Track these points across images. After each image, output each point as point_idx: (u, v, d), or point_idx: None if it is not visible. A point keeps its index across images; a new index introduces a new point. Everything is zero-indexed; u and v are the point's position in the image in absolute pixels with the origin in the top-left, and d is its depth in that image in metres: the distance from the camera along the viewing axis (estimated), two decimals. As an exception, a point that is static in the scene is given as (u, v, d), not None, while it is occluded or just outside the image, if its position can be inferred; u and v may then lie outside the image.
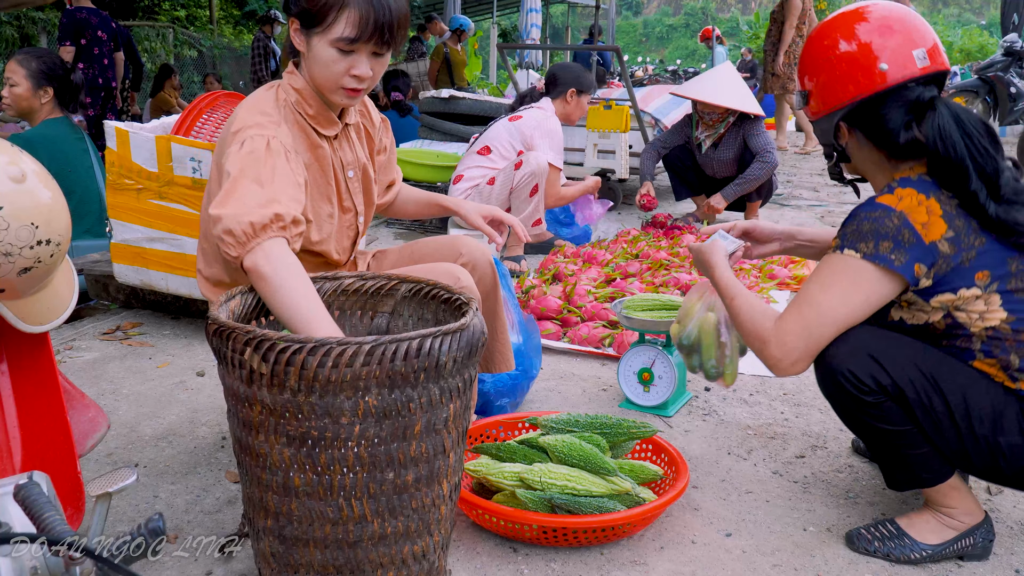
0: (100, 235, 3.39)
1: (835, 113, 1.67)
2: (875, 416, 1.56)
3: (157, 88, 9.59)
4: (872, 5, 1.66)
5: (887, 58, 1.59)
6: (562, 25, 26.48)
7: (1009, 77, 8.93)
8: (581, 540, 1.64)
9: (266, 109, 1.71)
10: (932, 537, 1.64)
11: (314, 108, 1.77)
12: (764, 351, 1.60)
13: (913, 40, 1.60)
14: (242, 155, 1.59)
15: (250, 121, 1.67)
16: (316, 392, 1.20)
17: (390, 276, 1.59)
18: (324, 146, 1.80)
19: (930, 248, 1.51)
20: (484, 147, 3.96)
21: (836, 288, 1.55)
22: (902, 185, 1.56)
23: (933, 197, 1.53)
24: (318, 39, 1.67)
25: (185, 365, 2.64)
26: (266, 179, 1.56)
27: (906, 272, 1.51)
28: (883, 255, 1.51)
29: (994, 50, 12.41)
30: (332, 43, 1.65)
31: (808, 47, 1.71)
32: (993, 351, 1.54)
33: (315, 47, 1.68)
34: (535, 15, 12.40)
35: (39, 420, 1.47)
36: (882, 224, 1.52)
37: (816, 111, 1.71)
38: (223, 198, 1.53)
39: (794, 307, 1.59)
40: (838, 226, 1.67)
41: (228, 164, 1.59)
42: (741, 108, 4.47)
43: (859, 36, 1.62)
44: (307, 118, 1.77)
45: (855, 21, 1.64)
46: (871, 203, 1.57)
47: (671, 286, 3.36)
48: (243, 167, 1.57)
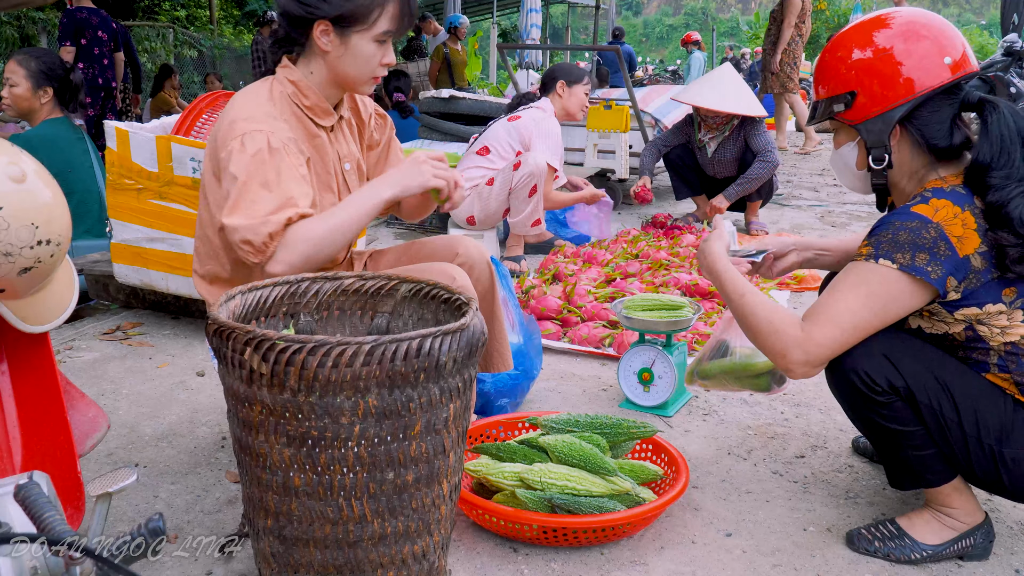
0: (100, 235, 3.39)
1: (896, 110, 1.57)
2: (884, 415, 1.55)
3: (157, 88, 9.60)
4: (905, 9, 1.65)
5: (950, 51, 1.55)
6: (562, 25, 26.48)
7: (1009, 77, 8.90)
8: (581, 540, 1.64)
9: (260, 102, 1.73)
10: (932, 537, 1.64)
11: (311, 99, 1.80)
12: (787, 354, 1.55)
13: (959, 37, 1.59)
14: (246, 157, 1.62)
15: (244, 115, 1.69)
16: (316, 392, 1.20)
17: (390, 276, 1.59)
18: (322, 135, 1.83)
19: (963, 262, 1.48)
20: (483, 147, 3.97)
21: (869, 298, 1.51)
22: (937, 196, 1.52)
23: (968, 211, 1.50)
24: (359, 36, 1.75)
25: (185, 365, 2.64)
26: (272, 182, 1.62)
27: (939, 285, 1.48)
28: (919, 267, 1.48)
29: (994, 50, 12.40)
30: (375, 38, 1.75)
31: (847, 48, 1.62)
32: (1008, 366, 1.53)
33: (355, 44, 1.75)
34: (535, 15, 12.41)
35: (39, 420, 1.47)
36: (919, 235, 1.48)
37: (870, 110, 1.59)
38: (233, 205, 1.60)
39: (822, 314, 1.54)
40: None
41: (232, 167, 1.63)
42: (747, 113, 4.47)
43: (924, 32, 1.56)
44: (304, 109, 1.80)
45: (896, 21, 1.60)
46: (906, 212, 1.52)
47: (671, 286, 3.36)
48: (249, 171, 1.61)
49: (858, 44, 1.61)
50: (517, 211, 3.82)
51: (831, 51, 1.66)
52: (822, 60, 1.70)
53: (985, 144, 1.50)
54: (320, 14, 1.73)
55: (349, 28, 1.74)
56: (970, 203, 1.51)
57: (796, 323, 1.56)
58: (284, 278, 1.52)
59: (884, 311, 1.52)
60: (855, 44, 1.61)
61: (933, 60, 1.54)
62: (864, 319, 1.52)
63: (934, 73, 1.54)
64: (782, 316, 1.59)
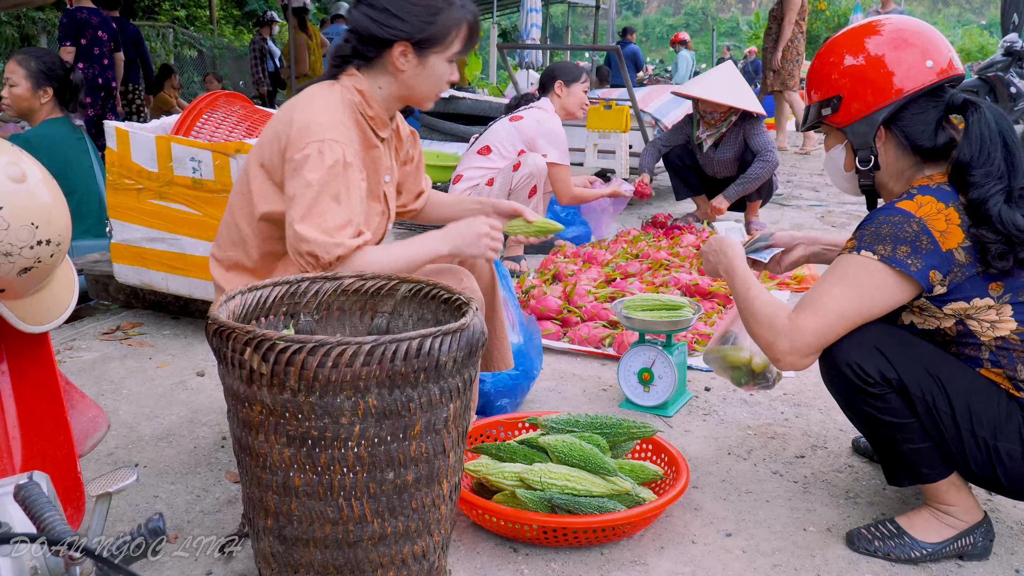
0: (100, 235, 3.39)
1: (879, 112, 1.62)
2: (878, 407, 1.57)
3: (157, 88, 9.59)
4: (890, 16, 1.71)
5: (933, 56, 1.60)
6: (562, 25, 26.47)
7: (1009, 77, 8.93)
8: (581, 540, 1.64)
9: (334, 109, 1.78)
10: (932, 536, 1.64)
11: (374, 110, 1.86)
12: (774, 344, 1.61)
13: (944, 43, 1.64)
14: (323, 167, 1.69)
15: (320, 120, 1.73)
16: (316, 392, 1.20)
17: (390, 276, 1.59)
18: (379, 147, 1.90)
19: (947, 256, 1.52)
20: (484, 147, 3.96)
21: (851, 288, 1.55)
22: (922, 192, 1.57)
23: (952, 207, 1.54)
24: (437, 57, 1.83)
25: (185, 365, 2.64)
26: (342, 196, 1.70)
27: (921, 278, 1.52)
28: (900, 259, 1.51)
29: (994, 50, 12.40)
30: (448, 58, 1.85)
31: (837, 54, 1.68)
32: (1000, 361, 1.55)
33: (432, 64, 1.84)
34: (535, 15, 12.39)
35: (39, 420, 1.47)
36: (901, 229, 1.52)
37: (855, 113, 1.65)
38: (305, 214, 1.67)
39: (808, 304, 1.59)
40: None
41: (309, 173, 1.68)
42: (743, 106, 4.47)
43: (911, 38, 1.62)
44: (367, 119, 1.86)
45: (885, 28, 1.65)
46: (890, 207, 1.57)
47: (671, 286, 3.37)
48: (323, 181, 1.68)
49: (847, 50, 1.67)
50: (517, 211, 3.82)
51: (821, 57, 1.73)
52: (813, 67, 1.76)
53: (966, 144, 1.55)
54: (402, 35, 1.79)
55: (428, 50, 1.81)
56: (955, 200, 1.55)
57: (785, 313, 1.62)
58: (284, 278, 1.52)
59: (869, 301, 1.55)
60: (844, 50, 1.68)
61: (916, 64, 1.60)
62: (848, 309, 1.55)
63: (916, 76, 1.60)
64: (776, 308, 1.65)
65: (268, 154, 1.78)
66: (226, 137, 2.84)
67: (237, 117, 2.92)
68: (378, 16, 1.78)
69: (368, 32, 1.80)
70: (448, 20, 1.80)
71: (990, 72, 9.10)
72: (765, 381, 2.00)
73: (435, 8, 1.79)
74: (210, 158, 2.63)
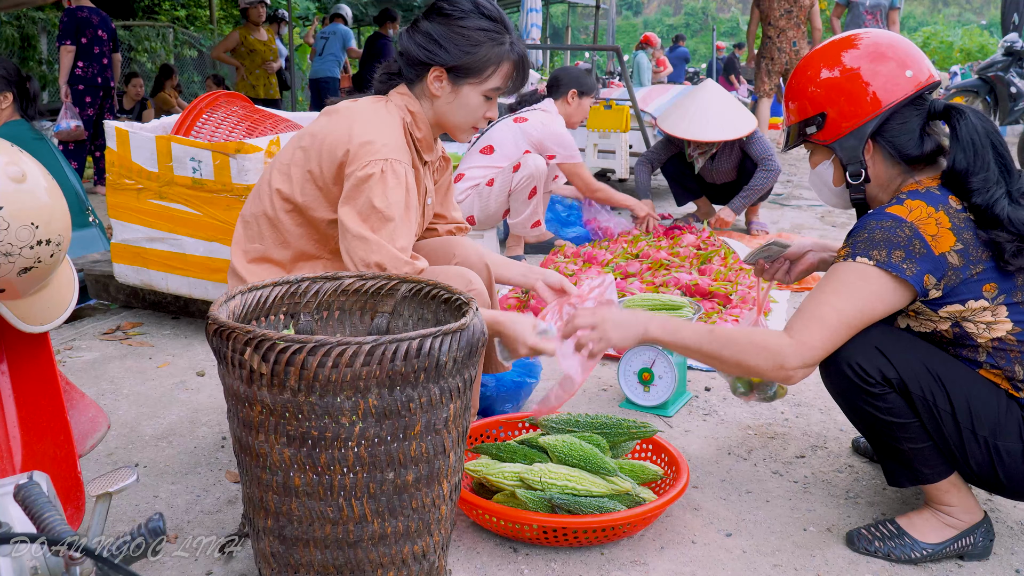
0: (84, 224, 3.41)
1: (867, 125, 1.63)
2: (878, 407, 1.57)
3: (157, 88, 9.59)
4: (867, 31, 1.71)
5: (911, 66, 1.62)
6: (562, 25, 26.47)
7: (1009, 77, 8.93)
8: (581, 540, 1.64)
9: (393, 127, 1.82)
10: (932, 536, 1.64)
11: (423, 132, 1.90)
12: (783, 364, 1.56)
13: (918, 51, 1.67)
14: (388, 185, 1.72)
15: (383, 140, 1.76)
16: (316, 392, 1.20)
17: (390, 276, 1.59)
18: (421, 169, 1.93)
19: (939, 260, 1.52)
20: (487, 146, 3.96)
21: (851, 296, 1.54)
22: (911, 197, 1.57)
23: (942, 210, 1.54)
24: (471, 88, 1.85)
25: (185, 365, 2.64)
26: (402, 216, 1.73)
27: (916, 283, 1.52)
28: (895, 264, 1.52)
29: (994, 50, 12.41)
30: (484, 92, 1.85)
31: (816, 72, 1.67)
32: (998, 362, 1.56)
33: (465, 94, 1.85)
34: (535, 15, 12.38)
35: (39, 420, 1.47)
36: (894, 234, 1.53)
37: (842, 129, 1.65)
38: (377, 224, 1.71)
39: (809, 318, 1.57)
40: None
41: (375, 192, 1.71)
42: (734, 136, 4.42)
43: (887, 52, 1.63)
44: (416, 141, 1.89)
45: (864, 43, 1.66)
46: (880, 212, 1.57)
47: (671, 286, 3.36)
48: (388, 200, 1.71)
49: (826, 65, 1.67)
50: (517, 212, 3.82)
51: (798, 75, 1.72)
52: (790, 86, 1.76)
53: (959, 151, 1.56)
54: (439, 61, 1.82)
55: (463, 79, 1.84)
56: (944, 203, 1.56)
57: (780, 333, 1.59)
58: (284, 278, 1.52)
59: (868, 307, 1.55)
60: (823, 65, 1.68)
61: (896, 75, 1.62)
62: (850, 316, 1.55)
63: (898, 87, 1.61)
64: (762, 333, 1.63)
65: (317, 162, 1.80)
66: (226, 137, 2.84)
67: (237, 117, 2.92)
68: (421, 40, 1.84)
69: (409, 53, 1.86)
70: (488, 54, 1.82)
71: (990, 72, 9.10)
72: (764, 393, 2.00)
73: (477, 41, 1.82)
74: (210, 158, 2.63)
